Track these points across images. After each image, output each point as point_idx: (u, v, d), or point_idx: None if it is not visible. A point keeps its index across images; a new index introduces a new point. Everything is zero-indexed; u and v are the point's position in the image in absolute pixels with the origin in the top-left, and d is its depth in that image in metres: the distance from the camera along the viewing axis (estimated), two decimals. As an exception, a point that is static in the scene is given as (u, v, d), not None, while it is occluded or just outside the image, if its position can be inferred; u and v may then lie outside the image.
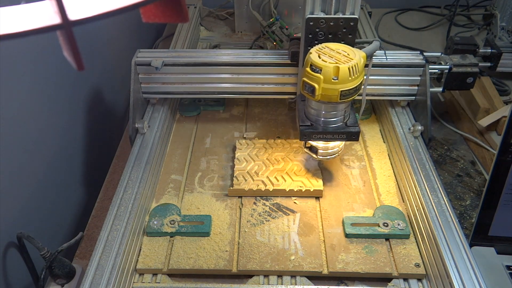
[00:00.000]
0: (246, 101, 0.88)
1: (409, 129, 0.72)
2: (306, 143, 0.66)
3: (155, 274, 0.57)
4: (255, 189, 0.66)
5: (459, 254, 0.53)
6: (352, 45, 0.62)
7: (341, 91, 0.55)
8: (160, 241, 0.60)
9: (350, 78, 0.55)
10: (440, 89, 0.75)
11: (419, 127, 0.70)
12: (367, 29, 0.96)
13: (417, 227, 0.60)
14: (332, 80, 0.55)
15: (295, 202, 0.66)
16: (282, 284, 0.56)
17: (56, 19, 0.20)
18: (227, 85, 0.75)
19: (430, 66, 0.72)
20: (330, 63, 0.55)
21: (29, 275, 0.61)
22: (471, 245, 0.61)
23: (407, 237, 0.60)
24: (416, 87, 0.74)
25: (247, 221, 0.62)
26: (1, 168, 0.55)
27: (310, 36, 0.64)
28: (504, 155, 0.56)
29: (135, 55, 0.73)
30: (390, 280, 0.56)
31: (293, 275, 0.57)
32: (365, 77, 0.66)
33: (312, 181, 0.67)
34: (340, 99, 0.56)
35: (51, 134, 0.68)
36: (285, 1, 1.02)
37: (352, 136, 0.62)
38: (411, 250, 0.58)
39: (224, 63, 0.73)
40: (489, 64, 0.85)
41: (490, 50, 0.84)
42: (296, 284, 0.56)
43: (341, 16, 0.62)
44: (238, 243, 0.60)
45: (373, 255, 0.58)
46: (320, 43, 0.59)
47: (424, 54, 0.73)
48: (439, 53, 0.77)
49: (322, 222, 0.62)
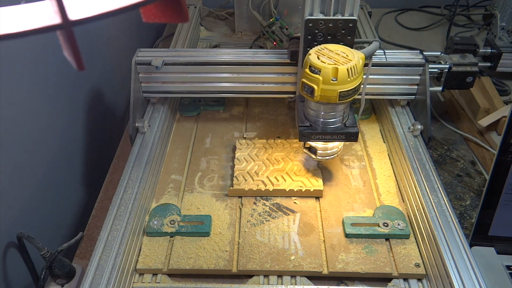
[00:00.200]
0: (246, 101, 0.88)
1: (409, 129, 0.72)
2: (305, 144, 0.66)
3: (155, 274, 0.57)
4: (255, 189, 0.66)
5: (459, 254, 0.53)
6: (351, 46, 0.62)
7: (340, 92, 0.55)
8: (160, 241, 0.60)
9: (349, 79, 0.55)
10: (440, 88, 0.75)
11: (419, 126, 0.71)
12: (367, 29, 0.96)
13: (417, 227, 0.60)
14: (331, 81, 0.55)
15: (295, 202, 0.66)
16: (282, 284, 0.56)
17: (56, 19, 0.20)
18: (227, 84, 0.75)
19: (430, 65, 0.72)
20: (329, 64, 0.55)
21: (29, 275, 0.61)
22: (471, 245, 0.61)
23: (407, 237, 0.60)
24: (416, 86, 0.74)
25: (247, 221, 0.63)
26: (1, 168, 0.55)
27: (309, 37, 0.64)
28: (504, 155, 0.56)
29: (136, 54, 0.73)
30: (390, 280, 0.56)
31: (293, 275, 0.57)
32: (365, 77, 0.66)
33: (312, 181, 0.67)
34: (339, 100, 0.56)
35: (51, 134, 0.68)
36: (285, 1, 1.02)
37: (351, 137, 0.62)
38: (411, 250, 0.58)
39: (224, 63, 0.73)
40: (489, 64, 0.85)
41: (490, 50, 0.84)
42: (296, 284, 0.56)
43: (340, 18, 0.62)
44: (238, 243, 0.60)
45: (373, 255, 0.58)
46: (319, 44, 0.59)
47: (424, 54, 0.73)
48: (439, 53, 0.77)
49: (322, 222, 0.62)
